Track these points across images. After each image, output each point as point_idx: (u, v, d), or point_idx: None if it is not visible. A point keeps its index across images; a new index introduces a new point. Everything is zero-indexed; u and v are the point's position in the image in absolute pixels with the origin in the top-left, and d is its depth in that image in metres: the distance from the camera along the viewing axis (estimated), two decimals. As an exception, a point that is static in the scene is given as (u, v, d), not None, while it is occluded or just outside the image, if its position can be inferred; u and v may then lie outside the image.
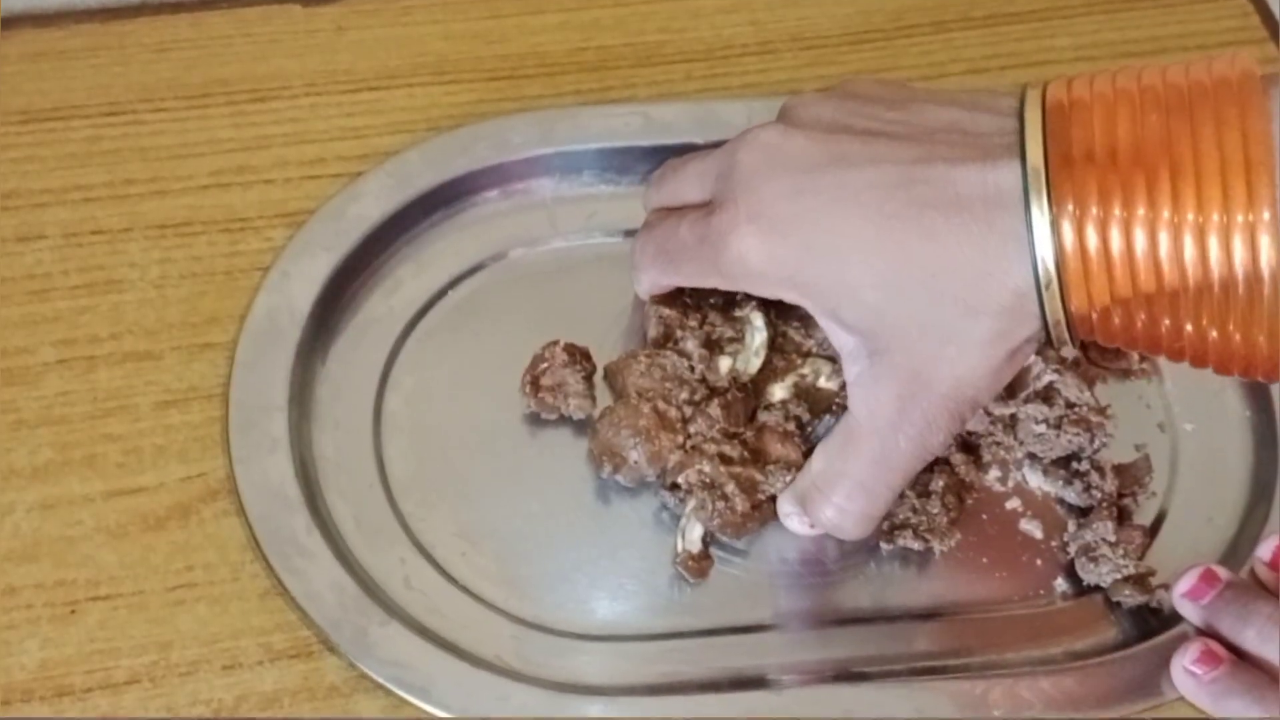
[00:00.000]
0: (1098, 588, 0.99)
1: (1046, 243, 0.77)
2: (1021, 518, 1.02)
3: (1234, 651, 0.92)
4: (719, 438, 0.99)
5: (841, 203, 0.84)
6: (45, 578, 0.95)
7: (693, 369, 1.01)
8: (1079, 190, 0.77)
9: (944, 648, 0.97)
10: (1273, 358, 0.76)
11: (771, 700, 0.93)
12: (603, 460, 1.00)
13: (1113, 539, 0.98)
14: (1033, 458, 1.03)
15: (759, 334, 1.03)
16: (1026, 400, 1.01)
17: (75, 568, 0.95)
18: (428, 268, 1.10)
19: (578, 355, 1.04)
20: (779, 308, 1.05)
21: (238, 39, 1.20)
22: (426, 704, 0.91)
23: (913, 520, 0.99)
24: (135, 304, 1.05)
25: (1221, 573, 0.93)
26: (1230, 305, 0.75)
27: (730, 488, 0.97)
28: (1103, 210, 0.76)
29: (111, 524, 0.97)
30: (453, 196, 1.13)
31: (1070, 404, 1.01)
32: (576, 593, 0.98)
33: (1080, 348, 1.07)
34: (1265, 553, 0.95)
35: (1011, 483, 1.03)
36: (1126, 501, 1.01)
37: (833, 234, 0.85)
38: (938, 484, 1.00)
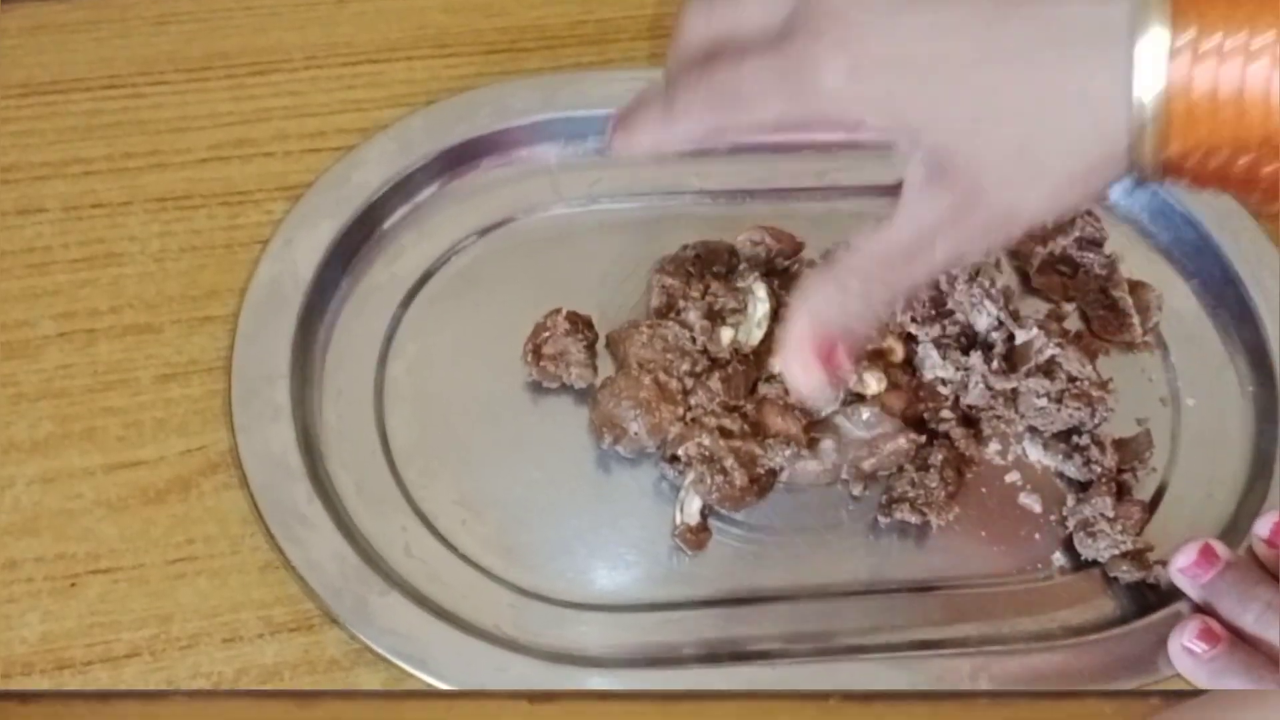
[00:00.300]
0: (1096, 563, 0.98)
1: (1161, 75, 0.69)
2: (1020, 492, 1.01)
3: (1231, 630, 0.91)
4: (719, 411, 0.98)
5: (941, 28, 0.74)
6: (45, 551, 0.94)
7: (694, 340, 1.01)
8: (1202, 15, 0.69)
9: (941, 621, 0.96)
10: None
11: (768, 673, 0.93)
12: (603, 431, 0.99)
13: (1111, 514, 0.97)
14: (1033, 431, 1.02)
15: (762, 305, 1.02)
16: (1028, 374, 1.00)
17: (75, 541, 0.94)
18: (430, 235, 1.09)
19: (580, 324, 1.03)
20: (782, 278, 1.05)
21: (238, 12, 1.18)
22: (425, 674, 0.90)
23: (911, 494, 0.98)
24: (135, 277, 1.04)
25: (1221, 550, 0.92)
26: None
27: (729, 461, 0.96)
28: (1226, 37, 0.68)
29: (112, 497, 0.96)
30: (455, 163, 1.12)
31: (1072, 378, 1.00)
32: (576, 562, 0.97)
33: (1083, 318, 1.06)
34: (1264, 529, 0.93)
35: (1011, 456, 1.02)
36: (1126, 476, 1.00)
37: (932, 55, 0.74)
38: (936, 458, 0.99)
